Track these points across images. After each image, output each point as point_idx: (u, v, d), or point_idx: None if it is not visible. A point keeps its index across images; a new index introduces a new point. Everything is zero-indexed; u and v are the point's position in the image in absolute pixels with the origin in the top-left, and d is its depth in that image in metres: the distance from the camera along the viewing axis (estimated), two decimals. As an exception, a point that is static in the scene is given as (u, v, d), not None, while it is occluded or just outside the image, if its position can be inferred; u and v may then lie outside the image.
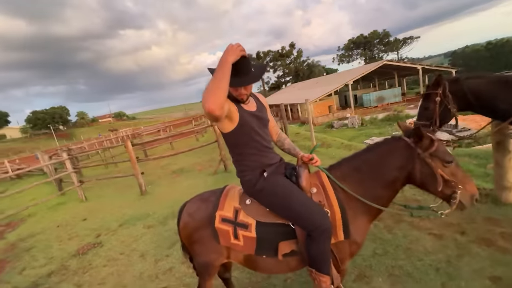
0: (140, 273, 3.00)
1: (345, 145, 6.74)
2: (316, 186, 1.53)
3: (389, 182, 1.45)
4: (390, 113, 21.79)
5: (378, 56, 57.66)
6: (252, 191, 1.53)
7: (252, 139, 1.49)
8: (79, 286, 3.03)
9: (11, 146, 51.70)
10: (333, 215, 1.44)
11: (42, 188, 9.46)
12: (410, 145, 1.40)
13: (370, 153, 1.52)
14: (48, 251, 4.16)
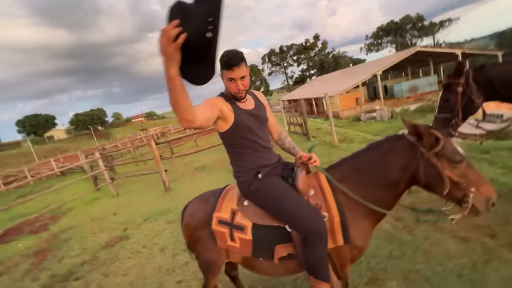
0: (159, 266, 3.17)
1: (368, 139, 6.41)
2: (313, 188, 1.48)
3: (391, 183, 1.36)
4: (424, 104, 20.27)
5: (411, 43, 53.70)
6: (246, 192, 1.53)
7: (247, 139, 1.48)
8: (106, 275, 3.29)
9: (58, 146, 57.31)
10: (331, 218, 1.38)
11: (82, 184, 10.36)
12: (412, 143, 1.30)
13: (370, 153, 1.43)
14: (82, 242, 4.56)
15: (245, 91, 1.44)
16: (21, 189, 13.64)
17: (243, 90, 1.42)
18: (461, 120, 2.13)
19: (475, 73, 2.00)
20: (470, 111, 2.08)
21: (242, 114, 1.45)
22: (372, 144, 1.46)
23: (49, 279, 3.54)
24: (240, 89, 1.40)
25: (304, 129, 7.93)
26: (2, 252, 4.99)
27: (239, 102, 1.49)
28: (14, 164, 39.64)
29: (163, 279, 2.92)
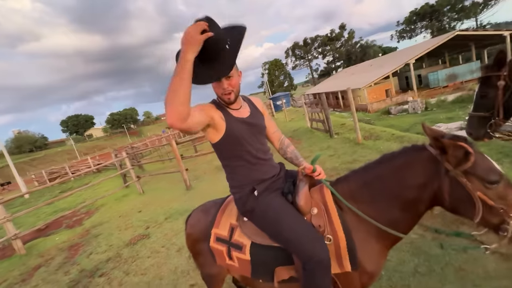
0: (175, 267, 3.22)
1: (396, 136, 5.93)
2: (317, 206, 1.31)
3: (408, 203, 1.15)
4: (464, 93, 18.44)
5: (449, 27, 49.03)
6: (242, 210, 1.41)
7: (242, 150, 1.35)
8: (127, 274, 3.42)
9: (96, 143, 62.06)
10: (336, 242, 1.21)
11: (114, 181, 11.04)
12: (435, 158, 1.08)
13: (383, 166, 1.23)
14: (109, 238, 4.82)
15: (234, 93, 1.29)
16: (63, 185, 14.97)
17: (230, 91, 1.27)
18: (503, 120, 1.81)
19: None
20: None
21: (235, 123, 1.33)
22: (386, 155, 1.26)
23: (78, 274, 3.78)
24: (226, 90, 1.26)
25: (327, 125, 7.60)
26: (42, 244, 5.47)
27: (232, 110, 1.36)
28: (60, 161, 43.76)
29: (178, 281, 2.95)
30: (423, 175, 1.11)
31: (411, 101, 19.92)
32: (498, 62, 1.72)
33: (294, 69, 67.20)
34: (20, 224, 8.41)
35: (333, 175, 4.74)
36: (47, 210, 9.40)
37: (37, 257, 4.86)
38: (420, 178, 1.11)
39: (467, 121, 1.99)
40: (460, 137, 1.07)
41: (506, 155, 3.63)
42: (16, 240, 5.06)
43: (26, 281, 4.06)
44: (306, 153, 6.80)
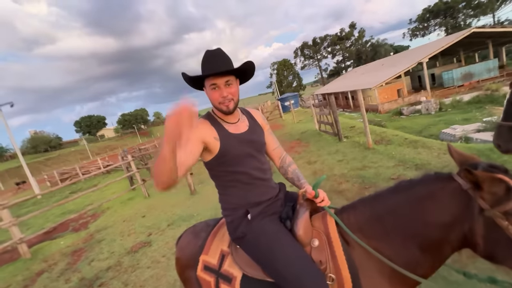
0: (174, 281, 3.08)
1: (409, 141, 5.62)
2: (318, 237, 1.12)
3: (429, 243, 0.95)
4: (481, 93, 17.68)
5: (464, 24, 47.40)
6: (233, 236, 1.24)
7: (236, 170, 1.19)
8: (126, 285, 3.31)
9: (108, 143, 63.38)
10: (340, 283, 1.02)
11: (122, 183, 11.10)
12: (465, 192, 0.88)
13: (399, 197, 1.03)
14: (111, 245, 4.75)
15: (234, 102, 1.18)
16: (73, 185, 15.23)
17: (230, 99, 1.16)
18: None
19: None
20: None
21: (230, 141, 1.18)
22: (403, 183, 1.06)
23: (78, 283, 3.71)
24: (226, 98, 1.14)
25: (335, 128, 7.34)
26: (48, 248, 5.47)
27: (229, 124, 1.22)
28: (73, 160, 44.92)
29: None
30: (450, 212, 0.90)
31: (424, 101, 19.27)
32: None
33: (303, 69, 66.70)
34: (29, 225, 8.55)
35: (342, 182, 4.52)
36: (55, 212, 9.52)
37: (41, 262, 4.85)
38: (446, 216, 0.91)
39: (496, 131, 1.76)
40: (499, 167, 0.86)
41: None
42: (21, 244, 5.07)
43: (28, 287, 4.03)
44: (314, 157, 6.58)
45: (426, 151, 4.87)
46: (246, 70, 1.20)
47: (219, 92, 1.14)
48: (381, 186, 3.95)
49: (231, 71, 1.15)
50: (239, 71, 1.18)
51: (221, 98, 1.15)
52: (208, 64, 1.13)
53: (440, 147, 4.85)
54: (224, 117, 1.23)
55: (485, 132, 8.84)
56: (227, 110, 1.17)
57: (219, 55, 1.15)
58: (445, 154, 4.49)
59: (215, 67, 1.11)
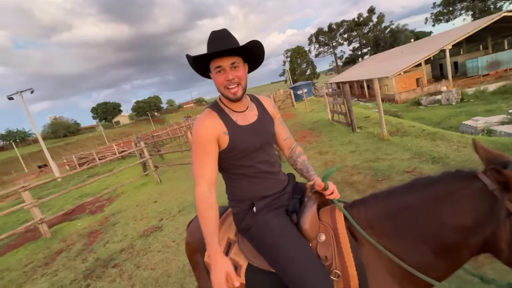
0: (183, 265, 3.17)
1: (427, 133, 5.37)
2: (325, 231, 1.08)
3: (445, 246, 0.89)
4: (508, 83, 16.57)
5: (494, 7, 44.05)
6: (239, 228, 1.22)
7: (244, 164, 1.16)
8: (138, 267, 3.44)
9: (123, 130, 65.12)
10: (346, 280, 0.98)
11: (135, 169, 11.42)
12: (491, 192, 0.79)
13: (415, 195, 0.95)
14: (125, 228, 4.93)
15: (241, 87, 1.11)
16: (90, 170, 15.85)
17: (237, 82, 1.09)
18: None
19: None
20: None
21: (239, 133, 1.13)
22: (420, 180, 0.97)
23: (94, 263, 3.89)
24: (232, 81, 1.07)
25: (349, 118, 7.13)
26: (66, 229, 5.76)
27: (237, 114, 1.16)
28: (90, 146, 46.63)
29: (184, 280, 2.90)
30: (471, 215, 0.83)
31: (445, 91, 18.33)
32: None
33: (317, 56, 64.82)
34: (50, 206, 9.03)
35: (354, 174, 4.42)
36: (74, 194, 9.98)
37: (60, 242, 5.12)
38: (466, 218, 0.83)
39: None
40: None
41: None
42: (42, 224, 5.36)
43: (48, 265, 4.27)
44: (325, 148, 6.46)
45: (444, 143, 4.65)
46: (254, 51, 1.12)
47: (224, 75, 1.07)
48: (395, 179, 3.83)
49: (237, 52, 1.08)
50: (246, 52, 1.11)
51: (226, 82, 1.07)
52: (214, 45, 1.06)
53: (460, 140, 4.61)
54: (231, 105, 1.17)
55: (510, 124, 8.33)
56: (234, 97, 1.10)
57: (224, 35, 1.08)
58: (465, 148, 4.27)
59: (219, 47, 1.04)
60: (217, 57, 1.06)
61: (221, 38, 1.07)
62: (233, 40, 1.09)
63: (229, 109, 1.17)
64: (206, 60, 1.10)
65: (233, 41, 1.08)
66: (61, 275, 3.79)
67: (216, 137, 1.10)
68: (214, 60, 1.07)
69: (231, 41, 1.07)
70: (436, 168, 3.83)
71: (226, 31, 1.11)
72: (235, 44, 1.08)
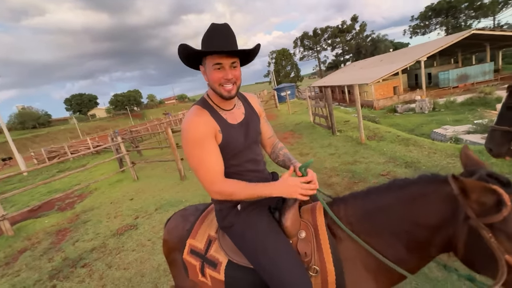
0: (158, 265, 3.08)
1: (401, 138, 5.66)
2: (306, 228, 1.11)
3: (416, 243, 0.94)
4: (475, 96, 17.88)
5: (465, 25, 47.39)
6: (221, 225, 1.21)
7: (231, 163, 1.14)
8: (110, 267, 3.29)
9: (99, 124, 62.09)
10: (324, 275, 1.01)
11: (111, 165, 10.95)
12: (455, 196, 0.84)
13: (392, 195, 1.00)
14: (97, 226, 4.70)
15: (236, 87, 1.08)
16: (61, 164, 14.94)
17: (234, 82, 1.06)
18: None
19: None
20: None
21: (231, 132, 1.11)
22: (398, 181, 1.02)
23: (61, 262, 3.67)
24: (230, 80, 1.04)
25: (330, 122, 7.32)
26: (31, 226, 5.38)
27: (225, 112, 1.13)
28: (62, 139, 43.94)
29: (159, 280, 2.81)
30: (438, 216, 0.88)
31: (419, 100, 19.40)
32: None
33: (302, 60, 65.95)
34: (13, 202, 8.39)
35: (332, 176, 4.54)
36: (41, 190, 9.36)
37: (24, 240, 4.77)
38: (434, 218, 0.89)
39: (488, 135, 1.75)
40: (500, 178, 0.80)
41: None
42: (4, 221, 4.96)
43: (9, 264, 3.97)
44: (306, 150, 6.58)
45: (417, 149, 4.91)
46: (253, 54, 1.12)
47: (223, 73, 1.03)
48: (370, 181, 3.98)
49: (241, 53, 1.05)
50: (248, 54, 1.09)
51: (224, 80, 1.03)
52: (216, 41, 1.00)
53: (431, 146, 4.90)
54: (220, 103, 1.13)
55: (475, 134, 8.98)
56: (228, 95, 1.06)
57: (228, 31, 1.03)
58: (435, 154, 4.54)
59: (225, 45, 1.00)
60: (222, 53, 1.01)
61: (224, 35, 1.01)
62: (235, 38, 1.05)
63: (218, 107, 1.14)
64: (204, 54, 1.05)
65: (234, 39, 1.05)
66: (24, 276, 3.53)
67: (213, 134, 1.06)
68: (214, 56, 1.02)
69: (233, 39, 1.04)
70: (408, 172, 4.04)
71: (228, 26, 1.05)
72: (236, 42, 1.05)
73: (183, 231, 1.42)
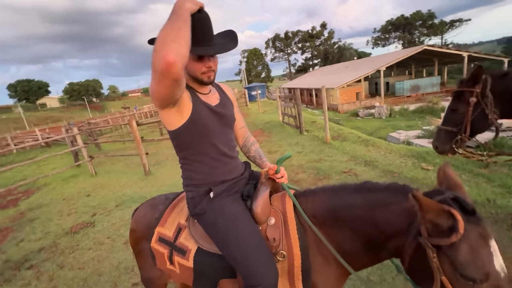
0: (118, 263, 2.91)
1: (362, 139, 6.09)
2: (275, 215, 1.14)
3: (372, 244, 1.00)
4: (424, 105, 19.97)
5: (418, 40, 52.57)
6: (192, 212, 1.20)
7: (206, 142, 1.12)
8: (61, 267, 3.02)
9: (50, 114, 56.04)
10: (290, 259, 1.06)
11: (64, 159, 9.97)
12: (414, 212, 0.83)
13: (358, 196, 1.04)
14: (46, 224, 4.27)
15: (214, 73, 1.10)
16: (2, 158, 13.21)
17: (213, 70, 1.08)
18: (468, 137, 1.80)
19: (495, 82, 1.65)
20: (480, 127, 1.75)
21: (202, 108, 1.09)
22: (368, 184, 1.06)
23: (1, 265, 3.26)
24: (210, 68, 1.06)
25: (298, 121, 7.57)
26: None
27: (201, 94, 1.13)
28: (4, 129, 38.73)
29: (119, 279, 2.66)
30: (394, 225, 0.93)
31: (377, 106, 21.02)
32: (474, 78, 1.69)
33: (273, 61, 67.06)
34: None
35: (299, 172, 4.71)
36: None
37: (-48, 242, 4.13)
38: (390, 227, 0.93)
39: (435, 134, 1.97)
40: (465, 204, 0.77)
41: (457, 167, 3.86)
42: None
43: None
44: (275, 148, 6.72)
45: (375, 149, 5.33)
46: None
47: (204, 63, 1.04)
48: (333, 178, 4.22)
49: None
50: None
51: (206, 69, 1.05)
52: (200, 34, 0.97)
53: (387, 148, 5.35)
54: (195, 87, 1.13)
55: (423, 138, 10.02)
56: (209, 80, 1.09)
57: (209, 23, 1.01)
58: (390, 154, 4.97)
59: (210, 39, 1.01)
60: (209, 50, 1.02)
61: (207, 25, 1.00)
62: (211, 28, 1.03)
63: (193, 89, 1.13)
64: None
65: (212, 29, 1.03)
66: (-49, 282, 3.06)
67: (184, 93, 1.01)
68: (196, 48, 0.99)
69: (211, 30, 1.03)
70: (367, 169, 4.36)
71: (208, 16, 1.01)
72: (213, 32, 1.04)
73: (151, 220, 1.38)
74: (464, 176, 3.55)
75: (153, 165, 6.85)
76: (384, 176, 4.03)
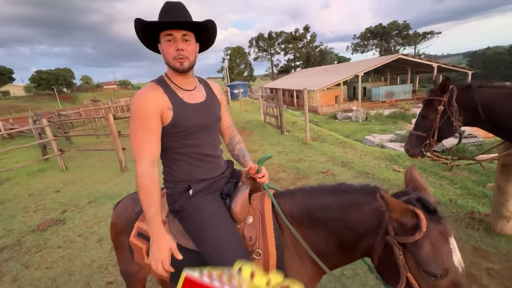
0: (91, 261, 2.79)
1: (340, 141, 6.34)
2: (254, 214, 1.16)
3: (345, 244, 1.05)
4: (397, 110, 21.14)
5: (394, 49, 55.44)
6: (171, 208, 1.20)
7: (185, 144, 1.13)
8: (27, 267, 2.83)
9: (14, 103, 51.76)
10: (266, 258, 1.08)
11: (30, 152, 9.30)
12: (383, 212, 0.87)
13: (333, 197, 1.08)
14: (10, 221, 3.97)
15: (189, 61, 1.08)
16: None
17: (186, 57, 1.06)
18: (435, 142, 1.96)
19: (460, 92, 1.81)
20: (446, 133, 1.92)
21: (184, 110, 1.10)
22: (343, 186, 1.11)
23: (-44, 265, 2.99)
24: (180, 54, 1.05)
25: (279, 121, 7.69)
26: None
27: (184, 91, 1.13)
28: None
29: (92, 277, 2.55)
30: (364, 225, 0.97)
31: (355, 110, 21.89)
32: (442, 88, 1.84)
33: (256, 60, 67.16)
34: None
35: (279, 172, 4.80)
36: None
37: None
38: (362, 227, 0.98)
39: (407, 138, 2.12)
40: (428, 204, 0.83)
41: (425, 170, 4.16)
42: None
43: None
44: (256, 147, 6.77)
45: (352, 151, 5.57)
46: (208, 31, 1.13)
47: (174, 45, 1.04)
48: (312, 178, 4.36)
49: (192, 27, 1.06)
50: (200, 31, 1.10)
51: (176, 52, 1.04)
52: (169, 15, 1.02)
53: (363, 150, 5.62)
54: (178, 82, 1.13)
55: (396, 142, 10.63)
56: (181, 67, 1.07)
57: (180, 8, 1.05)
58: (365, 156, 5.22)
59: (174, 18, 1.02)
60: (170, 27, 1.02)
61: (177, 10, 1.04)
62: (189, 14, 1.07)
63: (176, 85, 1.13)
64: (158, 29, 1.04)
65: (189, 15, 1.07)
66: None
67: (160, 112, 1.05)
68: (166, 30, 1.03)
69: (187, 15, 1.06)
70: (344, 170, 4.55)
71: (182, 4, 1.07)
72: (190, 18, 1.07)
73: (132, 214, 1.37)
74: (430, 178, 3.83)
75: (130, 161, 6.61)
76: (360, 176, 4.23)
